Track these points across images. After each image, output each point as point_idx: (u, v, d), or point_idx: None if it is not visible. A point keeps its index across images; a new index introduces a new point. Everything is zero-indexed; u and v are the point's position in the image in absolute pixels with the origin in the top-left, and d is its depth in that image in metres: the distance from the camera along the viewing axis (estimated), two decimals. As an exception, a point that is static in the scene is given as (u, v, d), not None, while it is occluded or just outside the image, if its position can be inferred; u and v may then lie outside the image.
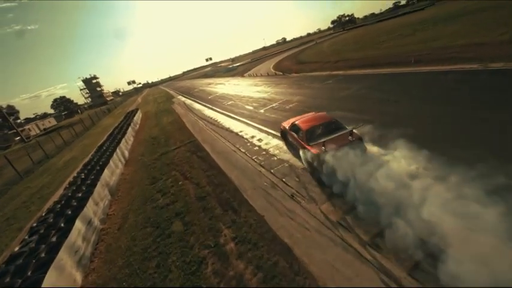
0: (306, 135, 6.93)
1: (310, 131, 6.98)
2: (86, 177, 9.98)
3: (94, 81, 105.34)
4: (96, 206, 7.82)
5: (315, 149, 6.26)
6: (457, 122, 7.60)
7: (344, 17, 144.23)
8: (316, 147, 6.27)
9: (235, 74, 55.02)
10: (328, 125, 7.02)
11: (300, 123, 7.54)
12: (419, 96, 10.46)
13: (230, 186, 7.73)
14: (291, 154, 8.47)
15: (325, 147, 5.99)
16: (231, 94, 26.65)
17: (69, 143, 24.96)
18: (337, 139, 6.17)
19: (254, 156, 9.31)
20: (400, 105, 10.15)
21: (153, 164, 12.01)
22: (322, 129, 6.92)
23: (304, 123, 7.39)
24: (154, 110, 33.83)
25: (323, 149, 6.01)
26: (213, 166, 9.61)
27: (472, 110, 7.93)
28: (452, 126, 7.43)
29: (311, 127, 7.09)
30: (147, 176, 10.63)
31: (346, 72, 19.96)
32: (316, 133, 6.83)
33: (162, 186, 9.21)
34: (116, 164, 11.75)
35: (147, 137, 18.51)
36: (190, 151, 12.22)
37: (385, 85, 13.48)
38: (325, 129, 6.88)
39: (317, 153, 6.10)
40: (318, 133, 6.82)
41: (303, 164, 7.30)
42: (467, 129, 6.99)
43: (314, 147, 6.35)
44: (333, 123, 7.10)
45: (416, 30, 32.35)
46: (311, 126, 7.11)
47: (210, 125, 16.42)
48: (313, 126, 7.09)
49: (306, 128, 7.14)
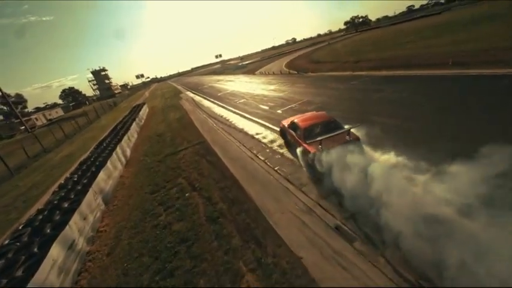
0: (304, 133, 6.93)
1: (308, 129, 6.99)
2: (78, 181, 8.57)
3: (103, 73, 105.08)
4: (84, 220, 6.36)
5: (312, 147, 6.28)
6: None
7: (357, 19, 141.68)
8: (313, 146, 6.28)
9: (245, 72, 53.43)
10: (327, 124, 7.01)
11: (299, 121, 7.54)
12: (485, 105, 8.63)
13: (250, 206, 6.17)
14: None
15: (321, 146, 5.99)
16: (243, 92, 25.10)
17: (71, 136, 23.77)
18: (335, 138, 6.16)
19: (277, 166, 7.73)
20: (464, 115, 8.40)
21: (157, 167, 10.54)
22: (320, 128, 6.91)
23: (302, 122, 7.39)
24: (161, 105, 32.54)
25: (320, 147, 6.00)
26: (227, 176, 8.06)
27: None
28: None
29: (309, 125, 7.11)
30: (148, 182, 9.16)
31: (370, 73, 18.17)
32: (314, 132, 6.83)
33: (166, 197, 7.71)
34: (115, 165, 10.32)
35: (152, 134, 17.12)
36: (198, 154, 10.71)
37: (428, 88, 11.71)
38: (323, 128, 6.87)
39: (314, 151, 6.13)
40: (315, 132, 6.80)
41: (300, 163, 7.20)
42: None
43: (311, 145, 6.35)
44: (332, 123, 7.09)
45: (441, 32, 30.32)
46: (309, 125, 7.12)
47: (221, 124, 14.90)
48: (311, 125, 7.11)
49: (304, 126, 7.14)
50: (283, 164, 7.77)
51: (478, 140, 4.63)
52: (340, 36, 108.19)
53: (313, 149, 6.23)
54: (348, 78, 18.50)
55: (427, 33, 32.07)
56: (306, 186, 6.24)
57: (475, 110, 8.28)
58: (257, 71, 45.17)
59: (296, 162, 7.65)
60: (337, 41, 79.82)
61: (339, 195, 5.36)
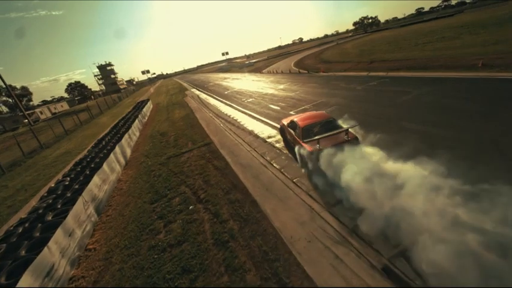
0: (302, 132, 6.91)
1: (307, 128, 6.95)
2: (70, 185, 7.63)
3: (109, 68, 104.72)
4: (69, 237, 5.37)
5: (310, 146, 6.27)
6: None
7: (367, 19, 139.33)
8: (310, 144, 6.27)
9: (252, 70, 52.32)
10: (326, 124, 6.98)
11: (298, 120, 7.50)
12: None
13: (266, 227, 5.13)
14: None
15: (319, 145, 5.97)
16: (251, 90, 24.03)
17: (71, 131, 22.95)
18: (332, 137, 6.15)
19: (296, 177, 6.65)
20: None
21: (158, 170, 9.56)
22: (318, 127, 6.87)
23: (301, 121, 7.36)
24: (166, 102, 31.66)
25: (317, 146, 5.98)
26: (237, 186, 7.02)
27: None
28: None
29: (308, 124, 7.07)
30: (148, 189, 8.17)
31: (389, 73, 16.95)
32: (312, 131, 6.78)
33: (167, 208, 6.70)
34: (112, 168, 9.36)
35: (155, 132, 16.18)
36: (205, 158, 9.69)
37: (462, 92, 10.49)
38: (322, 127, 6.83)
39: (311, 150, 6.11)
40: (314, 131, 6.76)
41: (298, 161, 7.15)
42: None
43: (309, 144, 6.33)
44: (331, 122, 7.06)
45: (460, 34, 28.83)
46: (308, 124, 7.08)
47: (229, 124, 13.86)
48: (310, 124, 7.06)
49: (303, 125, 7.10)
50: (304, 175, 6.69)
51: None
52: (349, 37, 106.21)
53: (310, 148, 6.19)
54: (365, 78, 17.30)
55: (447, 34, 30.56)
56: (336, 207, 5.16)
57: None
58: (264, 70, 44.03)
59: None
60: (346, 41, 78.18)
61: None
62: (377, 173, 4.83)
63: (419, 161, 4.77)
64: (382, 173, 4.81)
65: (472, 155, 5.90)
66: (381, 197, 4.28)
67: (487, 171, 4.29)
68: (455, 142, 6.63)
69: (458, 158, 4.89)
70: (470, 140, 6.61)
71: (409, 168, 4.93)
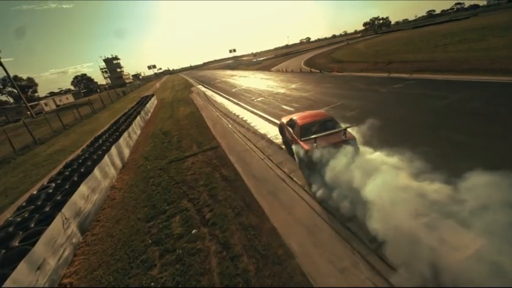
0: (301, 130, 6.84)
1: (305, 127, 6.88)
2: (52, 195, 6.47)
3: (115, 61, 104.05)
4: (38, 271, 4.18)
5: (307, 144, 6.19)
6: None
7: (378, 20, 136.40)
8: (308, 143, 6.20)
9: (259, 68, 50.91)
10: (324, 123, 6.89)
11: (297, 119, 7.41)
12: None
13: (293, 273, 3.87)
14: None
15: (316, 144, 5.90)
16: (260, 89, 22.72)
17: (71, 125, 21.87)
18: (330, 137, 6.08)
19: (326, 200, 5.37)
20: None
21: (158, 177, 8.37)
22: (317, 126, 6.79)
23: (300, 119, 7.27)
24: (171, 98, 30.52)
25: (315, 145, 5.91)
26: (251, 205, 5.77)
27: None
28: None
29: (306, 123, 6.99)
30: (144, 201, 6.98)
31: (413, 75, 15.48)
32: (311, 129, 6.69)
33: (164, 230, 5.49)
34: (105, 172, 8.19)
35: (157, 130, 15.01)
36: (211, 165, 8.46)
37: (506, 98, 9.09)
38: (320, 126, 6.76)
39: (308, 148, 6.03)
40: (312, 130, 6.65)
41: (295, 160, 7.01)
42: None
43: (306, 142, 6.26)
44: (329, 122, 6.97)
45: (484, 36, 27.06)
46: (306, 123, 7.01)
47: (238, 126, 12.61)
48: (308, 123, 6.99)
49: (302, 123, 7.03)
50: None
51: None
52: (358, 38, 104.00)
53: (307, 147, 6.11)
54: (387, 80, 15.86)
55: (469, 36, 28.81)
56: (384, 247, 3.86)
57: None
58: (273, 68, 42.63)
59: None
60: (356, 41, 76.27)
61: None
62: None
63: (489, 184, 3.42)
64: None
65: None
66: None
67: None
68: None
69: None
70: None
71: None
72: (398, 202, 3.79)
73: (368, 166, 4.74)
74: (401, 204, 3.75)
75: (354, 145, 5.89)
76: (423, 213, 3.52)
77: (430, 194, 3.83)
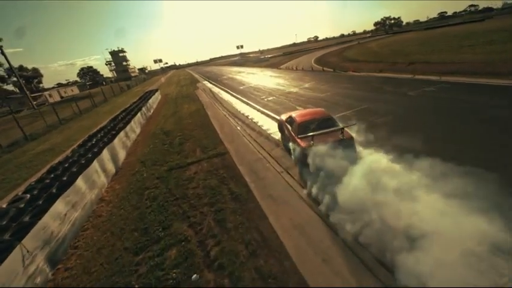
0: (299, 128, 6.74)
1: (303, 124, 6.77)
2: (21, 213, 5.22)
3: (121, 54, 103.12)
4: None
5: (304, 142, 6.16)
6: None
7: (389, 20, 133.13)
8: (305, 141, 6.16)
9: (268, 66, 49.35)
10: (323, 121, 6.78)
11: (296, 116, 7.30)
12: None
13: None
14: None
15: (313, 142, 5.84)
16: (270, 87, 21.29)
17: (68, 120, 20.66)
18: (327, 135, 6.02)
19: (383, 250, 3.99)
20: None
21: (154, 188, 7.08)
22: (315, 124, 6.65)
23: (299, 117, 7.18)
24: (176, 94, 29.27)
25: (311, 143, 5.84)
26: (269, 241, 4.42)
27: None
28: None
29: (305, 121, 6.90)
30: (135, 221, 5.69)
31: (443, 78, 13.88)
32: (309, 127, 6.56)
33: (156, 272, 4.18)
34: (93, 182, 6.92)
35: (158, 130, 13.75)
36: (217, 176, 7.14)
37: None
38: (319, 124, 6.62)
39: (304, 146, 6.02)
40: (310, 128, 6.53)
41: (292, 157, 6.94)
42: None
43: (303, 140, 6.22)
44: (328, 120, 6.89)
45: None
46: (305, 120, 6.92)
47: (247, 128, 11.27)
48: (306, 121, 6.89)
49: (300, 121, 6.95)
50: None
51: None
52: (368, 37, 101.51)
53: (303, 144, 6.10)
54: (413, 82, 14.32)
55: (494, 38, 26.90)
56: None
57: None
58: (282, 66, 41.04)
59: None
60: (367, 41, 74.02)
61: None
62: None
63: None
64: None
65: None
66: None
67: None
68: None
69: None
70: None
71: None
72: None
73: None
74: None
75: (351, 145, 5.90)
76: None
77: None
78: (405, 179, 4.17)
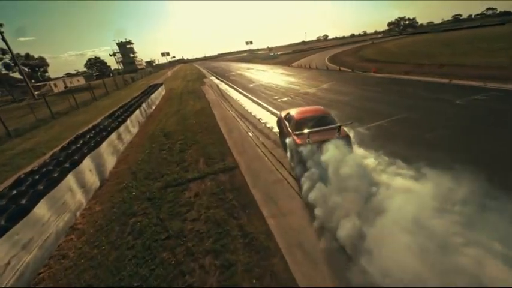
0: (296, 125, 6.70)
1: (301, 121, 6.73)
2: None
3: (128, 46, 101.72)
4: None
5: (300, 139, 6.14)
6: None
7: (404, 20, 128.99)
8: (301, 138, 6.14)
9: (278, 63, 47.32)
10: (321, 119, 6.71)
11: (294, 113, 7.22)
12: None
13: None
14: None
15: (309, 139, 5.80)
16: (283, 86, 19.47)
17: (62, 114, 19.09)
18: (323, 133, 5.98)
19: None
20: None
21: (142, 217, 5.44)
22: (313, 121, 6.60)
23: (297, 114, 7.13)
24: (181, 89, 27.63)
25: (307, 140, 5.80)
26: None
27: None
28: None
29: (302, 118, 6.85)
30: (107, 274, 4.04)
31: (487, 84, 11.86)
32: (306, 124, 6.51)
33: None
34: (63, 204, 5.30)
35: (158, 130, 12.13)
36: (225, 203, 5.47)
37: None
38: (316, 122, 6.56)
39: (300, 143, 6.00)
40: (308, 125, 6.48)
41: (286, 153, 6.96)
42: None
43: (299, 137, 6.19)
44: (326, 118, 6.84)
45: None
46: (303, 117, 6.87)
47: (260, 134, 9.55)
48: (304, 118, 6.85)
49: (298, 118, 6.92)
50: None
51: None
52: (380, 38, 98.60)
53: (299, 141, 6.05)
54: (453, 88, 12.37)
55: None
56: None
57: None
58: (294, 63, 39.04)
59: None
60: (381, 41, 71.24)
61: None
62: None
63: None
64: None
65: None
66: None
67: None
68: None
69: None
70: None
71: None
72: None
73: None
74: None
75: (347, 143, 5.81)
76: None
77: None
78: None
